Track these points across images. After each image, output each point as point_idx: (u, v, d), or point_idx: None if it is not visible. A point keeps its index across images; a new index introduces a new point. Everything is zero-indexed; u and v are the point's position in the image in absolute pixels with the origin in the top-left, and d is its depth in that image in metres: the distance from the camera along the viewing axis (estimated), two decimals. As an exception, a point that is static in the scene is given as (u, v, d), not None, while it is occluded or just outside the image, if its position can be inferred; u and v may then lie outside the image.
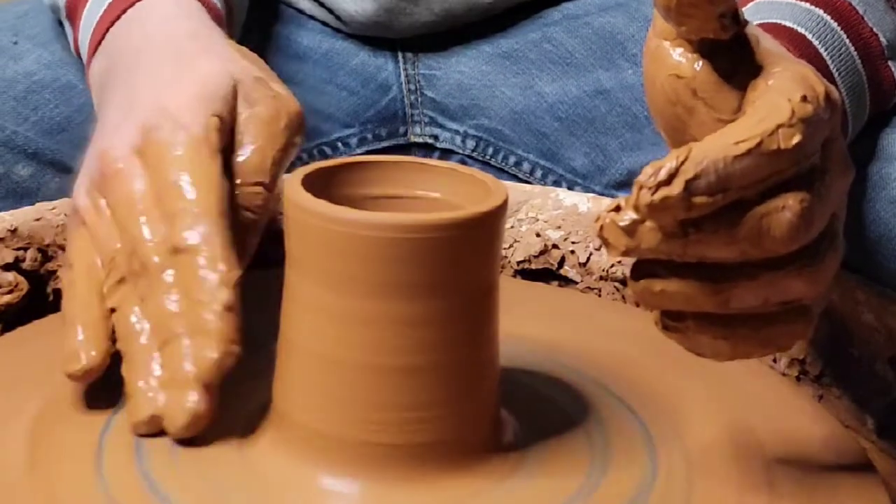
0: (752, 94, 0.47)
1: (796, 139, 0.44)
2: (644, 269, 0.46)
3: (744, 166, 0.43)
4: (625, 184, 0.85)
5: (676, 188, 0.43)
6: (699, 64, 0.48)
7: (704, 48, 0.48)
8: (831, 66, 0.69)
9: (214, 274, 0.52)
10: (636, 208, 0.44)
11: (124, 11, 0.68)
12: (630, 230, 0.44)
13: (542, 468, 0.51)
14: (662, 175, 0.43)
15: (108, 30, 0.68)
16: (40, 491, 0.48)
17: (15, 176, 0.79)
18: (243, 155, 0.57)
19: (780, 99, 0.45)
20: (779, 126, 0.44)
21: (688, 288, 0.46)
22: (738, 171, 0.43)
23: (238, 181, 0.57)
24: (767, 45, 0.49)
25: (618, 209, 0.44)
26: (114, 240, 0.54)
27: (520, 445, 0.52)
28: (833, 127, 0.47)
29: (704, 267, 0.46)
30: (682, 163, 0.43)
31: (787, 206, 0.44)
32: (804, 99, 0.45)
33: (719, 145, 0.44)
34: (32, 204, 0.72)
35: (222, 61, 0.59)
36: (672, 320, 0.47)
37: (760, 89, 0.47)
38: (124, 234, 0.54)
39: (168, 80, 0.58)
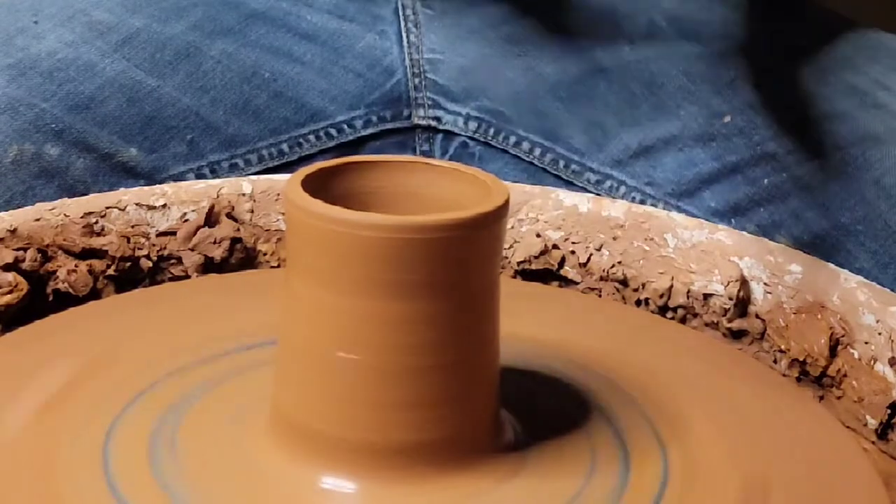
0: None
1: None
2: None
3: None
4: (620, 161, 0.86)
5: None
6: None
7: None
8: None
9: None
10: None
11: None
12: None
13: (543, 468, 0.51)
14: None
15: None
16: (43, 492, 0.48)
17: (46, 155, 0.80)
18: None
19: None
20: None
21: None
22: None
23: None
24: None
25: None
26: None
27: (520, 445, 0.52)
28: None
29: None
30: None
31: None
32: None
33: None
34: (62, 184, 0.72)
35: None
36: None
37: None
38: None
39: None
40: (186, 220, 0.73)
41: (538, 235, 0.75)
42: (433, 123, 0.93)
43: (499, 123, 0.91)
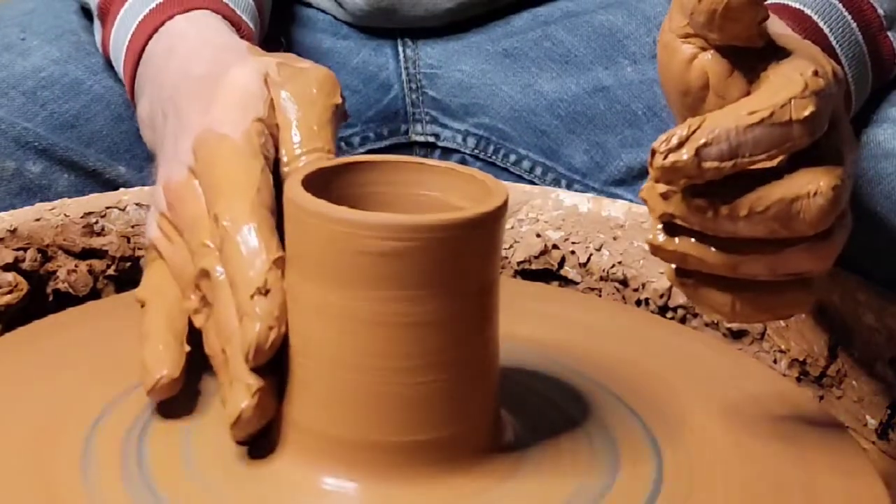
0: (764, 74, 0.49)
1: (808, 111, 0.46)
2: (669, 225, 0.49)
3: (755, 136, 0.46)
4: (624, 181, 0.85)
5: (686, 153, 0.46)
6: (709, 55, 0.49)
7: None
8: (833, 41, 0.71)
9: (253, 260, 0.50)
10: (651, 170, 0.47)
11: (157, 29, 0.70)
12: (666, 197, 0.48)
13: (542, 468, 0.51)
14: (674, 142, 0.46)
15: (143, 48, 0.71)
16: (37, 492, 0.48)
17: (27, 173, 0.79)
18: (292, 135, 0.57)
19: (793, 73, 0.47)
20: (791, 98, 0.46)
21: (702, 251, 0.49)
22: (750, 140, 0.46)
23: (299, 154, 0.57)
24: (774, 28, 0.50)
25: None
26: (189, 265, 0.54)
27: (520, 445, 0.52)
28: (839, 104, 0.49)
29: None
30: (695, 131, 0.46)
31: (820, 192, 0.47)
32: (815, 73, 0.47)
33: (732, 115, 0.46)
34: (44, 201, 0.72)
35: (251, 64, 0.60)
36: (682, 275, 0.51)
37: (772, 69, 0.49)
38: (193, 256, 0.54)
39: (209, 98, 0.59)
40: (186, 221, 0.73)
41: (538, 235, 0.75)
42: (431, 140, 0.92)
43: (498, 141, 0.90)
